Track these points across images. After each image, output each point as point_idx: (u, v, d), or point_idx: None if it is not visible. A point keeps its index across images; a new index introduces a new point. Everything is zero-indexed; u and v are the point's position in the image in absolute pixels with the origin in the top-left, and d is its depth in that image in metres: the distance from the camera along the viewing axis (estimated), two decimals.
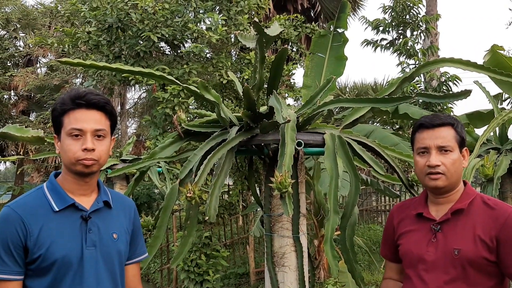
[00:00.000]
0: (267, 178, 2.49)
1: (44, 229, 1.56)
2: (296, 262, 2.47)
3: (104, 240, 1.66)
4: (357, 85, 13.98)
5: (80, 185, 1.66)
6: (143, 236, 1.96)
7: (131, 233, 1.81)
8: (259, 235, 6.70)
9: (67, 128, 1.61)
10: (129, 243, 1.79)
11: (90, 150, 1.60)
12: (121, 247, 1.72)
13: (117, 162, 4.03)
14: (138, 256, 1.87)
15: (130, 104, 19.63)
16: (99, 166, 1.66)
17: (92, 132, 1.61)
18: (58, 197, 1.63)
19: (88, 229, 1.62)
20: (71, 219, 1.61)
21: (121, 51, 6.95)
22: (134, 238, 1.83)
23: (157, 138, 6.62)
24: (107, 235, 1.67)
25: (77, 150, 1.59)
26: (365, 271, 7.38)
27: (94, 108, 1.64)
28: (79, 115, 1.61)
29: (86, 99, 1.62)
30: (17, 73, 15.95)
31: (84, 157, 1.59)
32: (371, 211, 12.03)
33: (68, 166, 1.63)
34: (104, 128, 1.66)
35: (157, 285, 9.57)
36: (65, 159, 1.62)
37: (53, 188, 1.65)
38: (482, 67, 2.28)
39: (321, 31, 4.37)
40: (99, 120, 1.65)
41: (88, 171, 1.63)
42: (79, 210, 1.63)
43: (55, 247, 1.55)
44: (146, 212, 12.99)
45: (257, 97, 2.41)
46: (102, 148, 1.64)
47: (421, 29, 7.70)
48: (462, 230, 1.75)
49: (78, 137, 1.60)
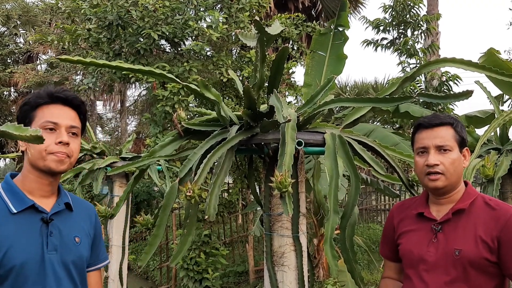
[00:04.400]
0: (267, 177, 2.48)
1: (1, 232, 1.44)
2: (296, 261, 2.46)
3: (66, 244, 1.57)
4: (357, 84, 13.98)
5: (42, 185, 1.57)
6: (103, 242, 1.87)
7: (93, 238, 1.73)
8: (259, 234, 6.70)
9: (40, 121, 1.54)
10: (91, 249, 1.71)
11: (65, 143, 1.54)
12: (84, 252, 1.64)
13: (116, 159, 4.02)
14: (100, 263, 1.80)
15: (130, 101, 19.63)
16: (69, 165, 1.59)
17: (67, 128, 1.57)
18: (16, 198, 1.52)
19: (49, 232, 1.52)
20: (31, 222, 1.51)
21: (121, 48, 6.95)
22: (95, 244, 1.75)
23: (157, 136, 6.63)
24: (69, 239, 1.59)
25: (51, 143, 1.52)
26: (364, 270, 7.39)
27: (69, 106, 1.61)
28: (54, 110, 1.58)
29: (64, 95, 1.60)
30: (17, 69, 15.92)
31: (58, 150, 1.53)
32: (371, 210, 12.04)
33: (35, 162, 1.53)
34: (78, 126, 1.63)
35: (156, 282, 9.58)
36: (34, 154, 1.52)
37: (9, 188, 1.54)
38: (483, 68, 2.27)
39: (321, 29, 4.35)
40: (74, 117, 1.62)
41: (58, 170, 1.55)
42: (39, 212, 1.53)
43: (13, 251, 1.44)
44: (146, 209, 13.00)
45: (258, 96, 2.40)
46: (75, 145, 1.60)
47: (422, 28, 7.70)
48: (463, 231, 1.74)
49: (52, 130, 1.54)
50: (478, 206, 1.78)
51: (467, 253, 1.69)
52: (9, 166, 35.67)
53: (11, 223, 1.47)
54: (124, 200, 2.79)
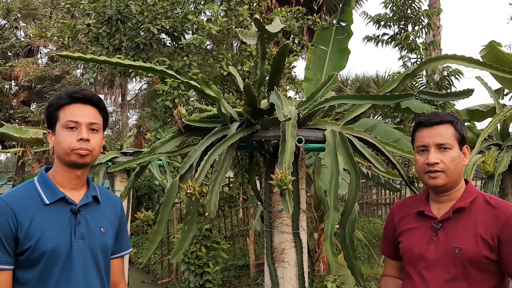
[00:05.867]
0: (267, 174, 2.49)
1: (35, 221, 1.60)
2: (296, 258, 2.47)
3: (92, 233, 1.72)
4: (358, 78, 13.89)
5: (71, 179, 1.72)
6: (127, 232, 2.02)
7: (117, 228, 1.87)
8: (259, 229, 6.71)
9: (63, 121, 1.69)
10: (115, 238, 1.86)
11: (85, 140, 1.68)
12: (108, 241, 1.79)
13: (117, 154, 4.02)
14: (123, 251, 1.95)
15: (131, 95, 19.60)
16: (92, 158, 1.72)
17: (87, 125, 1.70)
18: (49, 191, 1.68)
19: (77, 222, 1.68)
20: (61, 212, 1.67)
21: (121, 43, 6.92)
22: (119, 233, 1.90)
23: (157, 131, 6.63)
24: (95, 228, 1.74)
25: (73, 140, 1.67)
26: (364, 265, 7.40)
27: (89, 103, 1.74)
28: (75, 109, 1.71)
29: (82, 94, 1.73)
30: (17, 63, 15.89)
31: (79, 146, 1.67)
32: (371, 204, 12.04)
33: (61, 157, 1.69)
34: (98, 122, 1.75)
35: (157, 276, 9.61)
36: (60, 150, 1.68)
37: (43, 182, 1.70)
38: (485, 64, 2.26)
39: (324, 23, 4.34)
40: (94, 114, 1.75)
41: (81, 162, 1.69)
42: (69, 204, 1.69)
43: (45, 238, 1.60)
44: (147, 203, 13.02)
45: (258, 93, 2.40)
46: (96, 140, 1.73)
47: (423, 23, 7.67)
48: (464, 229, 1.74)
49: (74, 129, 1.68)
50: (479, 204, 1.78)
51: (467, 251, 1.70)
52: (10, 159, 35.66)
53: (44, 213, 1.64)
54: (125, 196, 2.80)
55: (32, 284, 1.60)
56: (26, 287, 1.61)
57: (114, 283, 1.89)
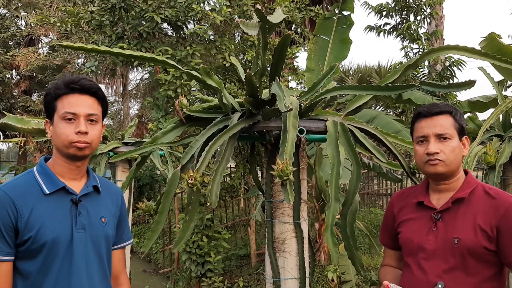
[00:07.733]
0: (268, 165, 2.49)
1: (35, 211, 1.58)
2: (297, 248, 2.49)
3: (93, 223, 1.70)
4: (360, 68, 13.83)
5: (71, 169, 1.70)
6: (128, 223, 2.00)
7: (118, 219, 1.86)
8: (260, 219, 6.74)
9: (60, 112, 1.65)
10: (116, 229, 1.84)
11: (84, 133, 1.64)
12: (109, 231, 1.77)
13: (119, 144, 4.03)
14: (124, 242, 1.93)
15: (133, 85, 19.56)
16: (90, 150, 1.70)
17: (85, 116, 1.66)
18: (49, 180, 1.66)
19: (78, 212, 1.66)
20: (61, 202, 1.65)
21: (124, 31, 6.89)
22: (120, 224, 1.88)
23: (159, 120, 6.63)
24: (96, 219, 1.72)
25: (71, 133, 1.63)
26: (365, 255, 7.44)
27: (87, 93, 1.69)
28: (73, 100, 1.66)
29: (80, 84, 1.67)
30: (19, 52, 15.85)
31: (78, 139, 1.63)
32: (373, 194, 12.06)
33: (60, 149, 1.67)
34: (96, 113, 1.71)
35: (159, 265, 9.68)
36: (58, 142, 1.66)
37: (43, 171, 1.68)
38: (487, 55, 2.26)
39: (326, 13, 4.31)
40: (92, 105, 1.70)
41: (80, 154, 1.66)
42: (69, 194, 1.67)
43: (45, 229, 1.58)
44: (148, 193, 13.05)
45: (260, 83, 2.40)
46: (94, 132, 1.69)
47: (425, 13, 7.61)
48: (463, 219, 1.75)
49: (72, 120, 1.65)
50: (478, 195, 1.79)
51: (466, 242, 1.71)
52: (12, 149, 35.74)
53: (44, 203, 1.61)
54: (127, 186, 2.81)
55: (33, 275, 1.59)
56: (27, 278, 1.59)
57: (115, 274, 1.88)
